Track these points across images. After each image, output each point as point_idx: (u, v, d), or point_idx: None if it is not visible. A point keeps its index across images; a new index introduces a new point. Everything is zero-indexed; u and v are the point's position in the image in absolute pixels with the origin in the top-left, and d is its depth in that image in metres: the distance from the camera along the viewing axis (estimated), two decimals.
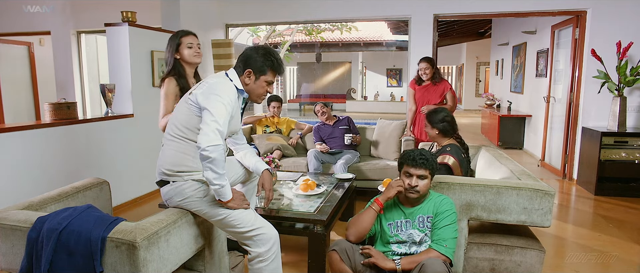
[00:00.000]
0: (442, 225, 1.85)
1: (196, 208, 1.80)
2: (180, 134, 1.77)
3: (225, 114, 1.67)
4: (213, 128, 1.61)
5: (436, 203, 1.91)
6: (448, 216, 1.87)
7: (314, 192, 2.77)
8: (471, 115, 13.39)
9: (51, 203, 1.87)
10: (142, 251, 1.47)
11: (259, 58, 1.80)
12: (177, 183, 1.77)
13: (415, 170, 1.87)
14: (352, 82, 17.66)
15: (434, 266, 1.66)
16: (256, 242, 1.84)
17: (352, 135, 4.08)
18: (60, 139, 3.29)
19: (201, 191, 1.79)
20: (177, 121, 1.79)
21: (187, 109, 1.76)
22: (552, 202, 2.00)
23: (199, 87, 1.76)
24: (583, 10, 4.57)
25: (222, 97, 1.68)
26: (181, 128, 1.77)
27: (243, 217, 1.82)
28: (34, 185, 3.04)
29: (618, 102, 4.22)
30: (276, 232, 1.90)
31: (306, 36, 11.96)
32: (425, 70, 4.01)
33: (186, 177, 1.77)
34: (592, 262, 2.75)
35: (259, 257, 1.84)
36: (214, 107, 1.65)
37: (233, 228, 1.82)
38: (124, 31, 3.79)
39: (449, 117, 2.66)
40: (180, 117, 1.78)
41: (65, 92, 6.12)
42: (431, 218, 1.89)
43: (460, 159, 2.52)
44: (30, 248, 1.55)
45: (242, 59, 1.83)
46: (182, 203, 1.79)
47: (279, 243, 1.92)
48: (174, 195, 1.79)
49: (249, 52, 1.83)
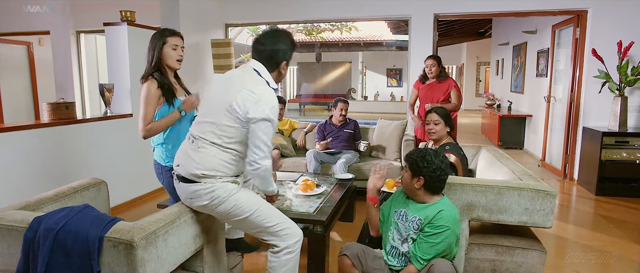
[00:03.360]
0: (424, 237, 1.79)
1: (222, 209, 1.76)
2: (222, 143, 1.73)
3: (273, 132, 1.73)
4: (264, 146, 1.69)
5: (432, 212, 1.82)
6: (436, 231, 1.77)
7: (314, 192, 2.75)
8: (471, 115, 13.38)
9: (48, 204, 1.86)
10: (139, 251, 1.45)
11: (289, 46, 1.81)
12: (208, 184, 1.73)
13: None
14: (352, 82, 17.64)
15: (442, 266, 1.67)
16: (282, 237, 1.85)
17: (367, 143, 4.08)
18: (58, 139, 3.28)
19: (231, 191, 1.77)
20: (215, 128, 1.72)
21: (228, 118, 1.69)
22: (554, 203, 1.98)
23: (245, 99, 1.66)
24: (584, 10, 4.55)
25: (274, 120, 1.71)
26: (223, 137, 1.72)
27: (269, 213, 1.84)
28: (33, 185, 3.03)
29: (619, 102, 4.20)
30: (300, 230, 1.93)
31: (306, 36, 11.94)
32: (431, 68, 3.98)
33: (218, 178, 1.75)
34: (592, 262, 2.74)
35: (288, 249, 1.85)
36: (265, 131, 1.69)
37: (259, 225, 1.82)
38: (123, 31, 3.78)
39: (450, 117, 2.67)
40: (222, 124, 1.71)
41: (65, 92, 6.11)
42: (421, 221, 1.83)
43: (461, 157, 2.51)
44: (27, 248, 1.53)
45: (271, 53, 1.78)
46: (209, 204, 1.75)
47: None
48: (203, 195, 1.74)
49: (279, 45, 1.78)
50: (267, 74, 1.78)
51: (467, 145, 3.17)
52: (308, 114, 15.05)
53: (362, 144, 4.05)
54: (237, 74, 1.80)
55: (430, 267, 1.70)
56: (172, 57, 2.22)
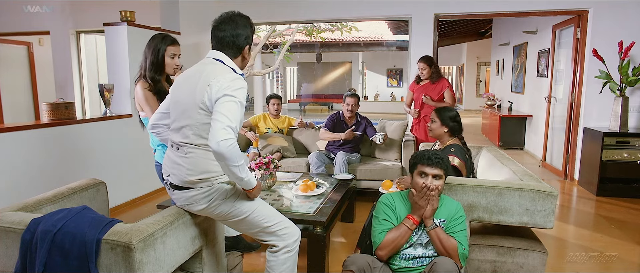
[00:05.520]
0: (457, 230, 1.83)
1: (220, 210, 1.75)
2: (201, 142, 1.69)
3: (238, 112, 1.59)
4: (223, 125, 1.52)
5: (450, 209, 1.88)
6: (462, 222, 1.86)
7: (314, 193, 2.74)
8: (472, 116, 13.37)
9: (46, 205, 1.84)
10: (137, 253, 1.44)
11: (249, 30, 1.75)
12: (204, 188, 1.71)
13: (430, 170, 1.81)
14: (353, 82, 17.64)
15: (446, 265, 1.66)
16: (281, 237, 1.84)
17: (383, 134, 3.89)
18: (57, 139, 3.27)
19: (228, 192, 1.75)
20: (195, 129, 1.68)
21: (203, 115, 1.66)
22: (555, 204, 1.97)
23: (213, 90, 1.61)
24: (584, 10, 4.54)
25: (237, 97, 1.59)
26: (205, 135, 1.67)
27: (267, 212, 1.82)
28: (31, 186, 3.02)
29: (620, 102, 4.19)
30: (298, 229, 1.91)
31: (306, 36, 11.93)
32: (423, 70, 4.02)
33: (214, 180, 1.72)
34: (592, 262, 2.74)
35: (287, 248, 1.84)
36: (227, 109, 1.56)
37: (257, 225, 1.81)
38: (123, 31, 3.77)
39: (459, 118, 2.63)
40: (195, 124, 1.68)
41: (65, 92, 6.10)
42: (444, 222, 1.85)
43: (465, 160, 2.49)
44: (25, 250, 1.52)
45: (232, 39, 1.72)
46: (207, 207, 1.73)
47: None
48: (200, 199, 1.71)
49: (239, 30, 1.72)
50: (230, 62, 1.73)
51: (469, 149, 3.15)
52: (308, 114, 15.05)
53: (378, 136, 3.88)
54: (200, 69, 1.71)
55: (433, 265, 1.69)
56: (169, 65, 2.33)
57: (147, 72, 2.28)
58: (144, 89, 2.27)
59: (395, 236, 1.81)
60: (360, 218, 3.46)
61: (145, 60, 2.29)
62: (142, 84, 2.28)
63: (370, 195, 3.75)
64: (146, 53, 2.30)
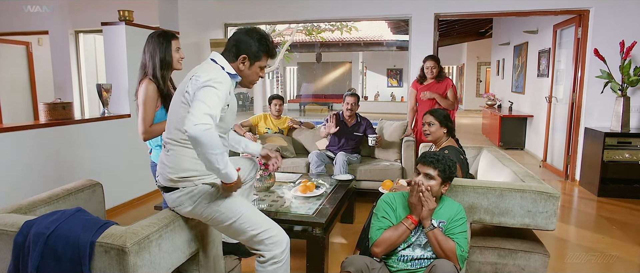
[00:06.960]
0: (457, 232, 1.81)
1: (206, 214, 1.71)
2: (182, 138, 1.67)
3: (217, 102, 1.54)
4: (201, 111, 1.47)
5: (451, 210, 1.85)
6: (462, 224, 1.83)
7: (313, 194, 2.72)
8: (472, 116, 13.34)
9: (41, 206, 1.82)
10: (132, 256, 1.41)
11: (254, 43, 1.70)
12: (187, 188, 1.68)
13: (423, 168, 1.82)
14: (353, 82, 17.62)
15: (445, 268, 1.64)
16: (268, 246, 1.77)
17: (376, 136, 3.92)
18: (55, 140, 3.24)
19: (213, 194, 1.71)
20: (178, 125, 1.66)
21: (182, 108, 1.65)
22: (557, 205, 1.95)
23: (191, 84, 1.62)
24: (586, 10, 4.51)
25: (217, 89, 1.56)
26: (179, 130, 1.66)
27: (254, 219, 1.77)
28: (29, 186, 2.99)
29: (621, 102, 4.16)
30: (287, 235, 1.85)
31: (306, 36, 11.92)
32: (432, 69, 3.96)
33: (196, 181, 1.68)
34: (593, 262, 2.72)
35: (274, 259, 1.78)
36: (205, 96, 1.52)
37: (244, 232, 1.75)
38: (121, 30, 3.74)
39: (451, 118, 2.63)
40: (177, 119, 1.67)
41: (64, 92, 6.07)
42: (444, 224, 1.83)
43: (460, 161, 2.46)
44: (17, 253, 1.49)
45: (233, 44, 1.71)
46: (193, 210, 1.70)
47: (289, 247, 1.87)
48: (185, 201, 1.69)
49: (242, 36, 1.70)
50: (223, 61, 1.71)
51: (468, 146, 3.13)
52: (308, 114, 15.03)
53: (370, 138, 3.89)
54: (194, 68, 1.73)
55: (432, 267, 1.67)
56: (176, 59, 2.28)
57: (158, 71, 2.19)
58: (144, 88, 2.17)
59: (392, 234, 1.79)
60: (360, 219, 3.44)
61: (152, 59, 2.20)
62: (148, 82, 2.18)
63: (370, 196, 3.72)
64: (151, 52, 2.21)
